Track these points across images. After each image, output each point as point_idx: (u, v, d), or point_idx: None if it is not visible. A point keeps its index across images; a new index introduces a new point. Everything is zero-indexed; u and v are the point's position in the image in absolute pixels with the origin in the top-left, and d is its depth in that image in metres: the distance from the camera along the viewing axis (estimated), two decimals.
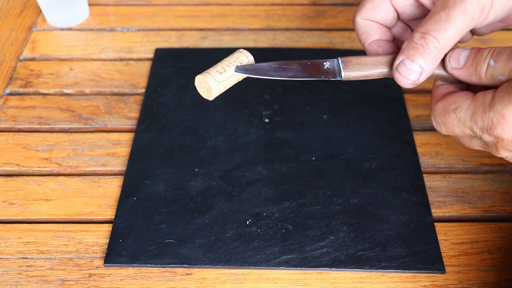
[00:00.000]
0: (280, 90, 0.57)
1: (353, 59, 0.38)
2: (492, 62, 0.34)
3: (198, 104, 0.55)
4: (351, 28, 0.65)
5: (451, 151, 0.52)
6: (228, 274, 0.43)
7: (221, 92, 0.38)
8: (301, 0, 0.69)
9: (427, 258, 0.43)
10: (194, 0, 0.70)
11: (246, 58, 0.39)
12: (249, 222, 0.46)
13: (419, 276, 0.43)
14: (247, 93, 0.56)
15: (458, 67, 0.35)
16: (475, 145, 0.36)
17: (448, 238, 0.45)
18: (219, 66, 0.38)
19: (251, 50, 0.60)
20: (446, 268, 0.43)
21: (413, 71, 0.35)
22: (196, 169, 0.50)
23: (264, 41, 0.63)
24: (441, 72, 0.37)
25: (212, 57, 0.60)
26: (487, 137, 0.33)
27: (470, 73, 0.35)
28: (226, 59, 0.38)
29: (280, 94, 0.56)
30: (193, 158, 0.50)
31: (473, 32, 0.41)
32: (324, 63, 0.38)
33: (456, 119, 0.34)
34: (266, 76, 0.38)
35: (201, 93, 0.39)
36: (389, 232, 0.45)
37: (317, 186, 0.48)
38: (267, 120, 0.54)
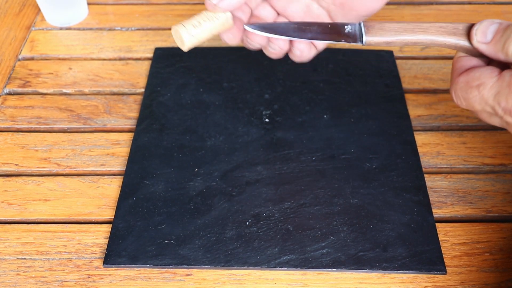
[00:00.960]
0: (280, 90, 0.56)
1: (376, 24, 0.37)
2: None
3: (198, 104, 0.55)
4: None
5: (452, 151, 0.51)
6: (228, 274, 0.43)
7: (194, 46, 0.39)
8: None
9: (428, 259, 0.43)
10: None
11: (224, 13, 0.39)
12: (249, 222, 0.45)
13: (420, 276, 0.43)
14: (247, 93, 0.56)
15: (484, 41, 0.34)
16: (495, 122, 0.35)
17: (449, 238, 0.45)
18: (195, 20, 0.38)
19: (251, 50, 0.60)
20: (447, 268, 0.43)
21: None
22: (196, 169, 0.49)
23: None
24: (465, 43, 0.35)
25: (212, 56, 0.60)
26: (509, 119, 0.33)
27: (497, 49, 0.34)
28: (204, 12, 0.39)
29: (280, 94, 0.56)
30: (193, 158, 0.50)
31: None
32: (346, 27, 0.37)
33: (479, 96, 0.34)
34: (284, 36, 0.37)
35: (176, 42, 0.39)
36: (390, 232, 0.45)
37: (317, 186, 0.48)
38: (267, 120, 0.54)
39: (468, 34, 0.35)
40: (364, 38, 0.36)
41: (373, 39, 0.36)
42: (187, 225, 0.45)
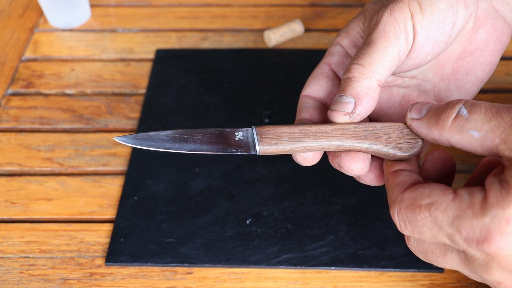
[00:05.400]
0: (279, 90, 0.57)
1: (271, 130, 0.32)
2: (465, 111, 0.28)
3: (198, 104, 0.56)
4: None
5: (449, 150, 0.52)
6: (228, 273, 0.44)
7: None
8: (300, 1, 0.69)
9: None
10: (195, 1, 0.70)
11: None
12: (249, 221, 0.46)
13: (418, 275, 0.43)
14: (247, 93, 0.57)
15: (418, 117, 0.31)
16: (451, 261, 0.28)
17: None
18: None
19: (251, 51, 0.61)
20: None
21: (347, 103, 0.32)
22: (197, 169, 0.50)
23: (264, 42, 0.63)
24: (377, 147, 0.32)
25: (213, 57, 0.61)
26: (474, 252, 0.25)
27: (431, 123, 0.29)
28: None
29: (280, 94, 0.56)
30: (194, 158, 0.51)
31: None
32: (236, 133, 0.33)
33: (429, 219, 0.26)
34: (161, 148, 0.32)
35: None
36: (388, 231, 0.45)
37: (316, 185, 0.48)
38: (267, 120, 0.54)
39: (379, 136, 0.32)
40: (258, 147, 0.32)
41: (268, 148, 0.32)
42: (188, 224, 0.46)
